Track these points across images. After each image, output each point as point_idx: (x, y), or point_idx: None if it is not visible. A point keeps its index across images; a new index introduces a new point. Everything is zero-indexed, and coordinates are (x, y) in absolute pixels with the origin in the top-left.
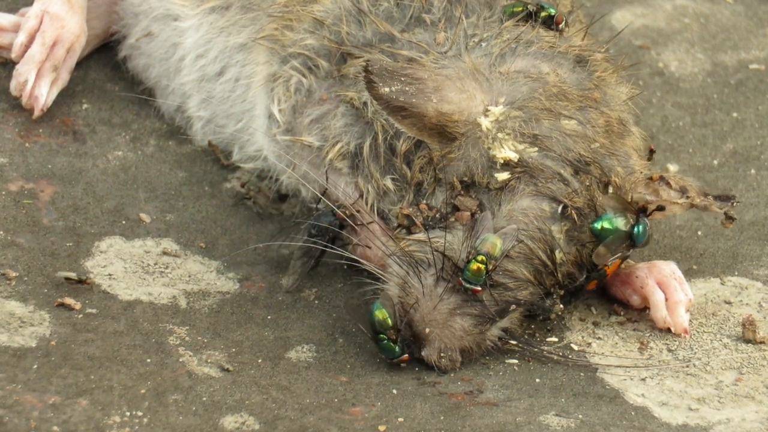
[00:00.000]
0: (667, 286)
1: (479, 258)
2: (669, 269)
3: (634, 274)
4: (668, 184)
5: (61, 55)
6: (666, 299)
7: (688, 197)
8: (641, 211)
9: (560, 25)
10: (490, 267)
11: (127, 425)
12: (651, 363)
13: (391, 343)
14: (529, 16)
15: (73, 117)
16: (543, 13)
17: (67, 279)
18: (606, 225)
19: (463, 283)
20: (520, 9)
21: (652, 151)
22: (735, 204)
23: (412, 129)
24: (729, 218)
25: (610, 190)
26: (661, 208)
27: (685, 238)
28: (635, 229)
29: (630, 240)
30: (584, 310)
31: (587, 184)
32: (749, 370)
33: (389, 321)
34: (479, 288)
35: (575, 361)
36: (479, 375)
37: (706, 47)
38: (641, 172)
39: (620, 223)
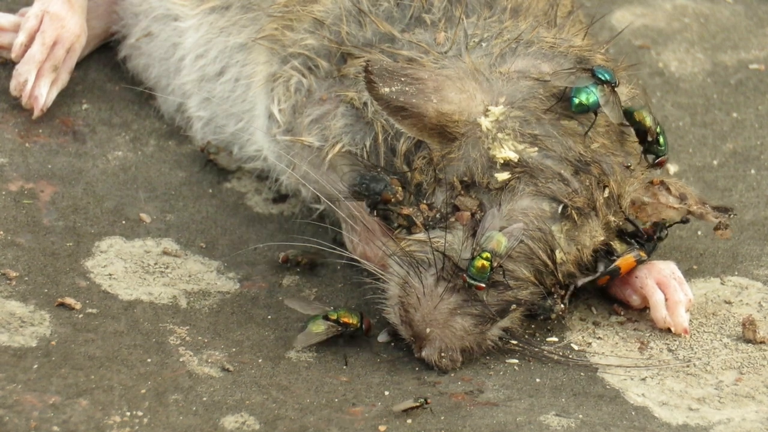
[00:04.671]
0: (666, 286)
1: (484, 255)
2: (669, 269)
3: (634, 274)
4: (668, 189)
5: (61, 55)
6: (666, 299)
7: (685, 204)
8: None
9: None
10: (495, 264)
11: (128, 425)
12: (651, 363)
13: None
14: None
15: (73, 117)
16: (577, 99)
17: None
18: (583, 99)
19: (467, 279)
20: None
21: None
22: (732, 216)
23: (413, 129)
24: (722, 227)
25: (607, 192)
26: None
27: (685, 238)
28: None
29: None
30: (584, 310)
31: (587, 183)
32: (749, 369)
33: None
34: (483, 285)
35: (576, 361)
36: (479, 375)
37: (706, 47)
38: (641, 173)
39: (593, 89)
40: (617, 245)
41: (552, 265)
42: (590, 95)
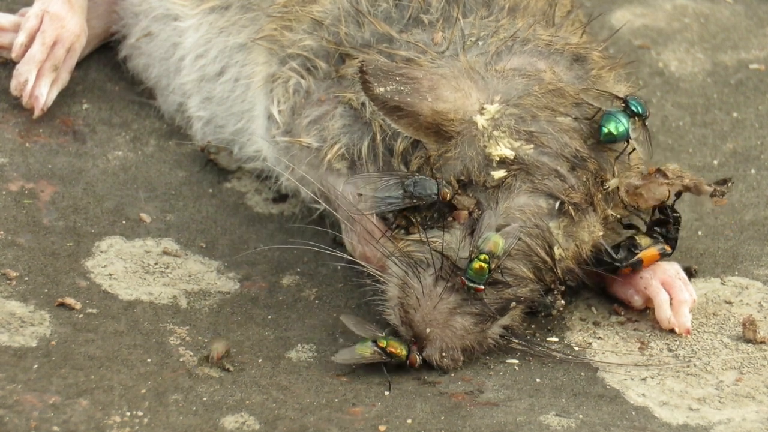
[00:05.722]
0: (672, 286)
1: (482, 257)
2: (673, 270)
3: (639, 274)
4: (665, 175)
5: (61, 55)
6: (671, 299)
7: (679, 179)
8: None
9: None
10: (493, 266)
11: (128, 425)
12: (651, 363)
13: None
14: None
15: (73, 117)
16: (606, 128)
17: None
18: (612, 128)
19: (466, 282)
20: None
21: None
22: (730, 185)
23: (409, 128)
24: (718, 194)
25: (605, 186)
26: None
27: (685, 238)
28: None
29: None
30: (585, 309)
31: (584, 179)
32: (750, 370)
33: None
34: (482, 287)
35: (577, 359)
36: (479, 375)
37: (706, 47)
38: (637, 167)
39: (623, 119)
40: (641, 239)
41: (551, 262)
42: (619, 125)
